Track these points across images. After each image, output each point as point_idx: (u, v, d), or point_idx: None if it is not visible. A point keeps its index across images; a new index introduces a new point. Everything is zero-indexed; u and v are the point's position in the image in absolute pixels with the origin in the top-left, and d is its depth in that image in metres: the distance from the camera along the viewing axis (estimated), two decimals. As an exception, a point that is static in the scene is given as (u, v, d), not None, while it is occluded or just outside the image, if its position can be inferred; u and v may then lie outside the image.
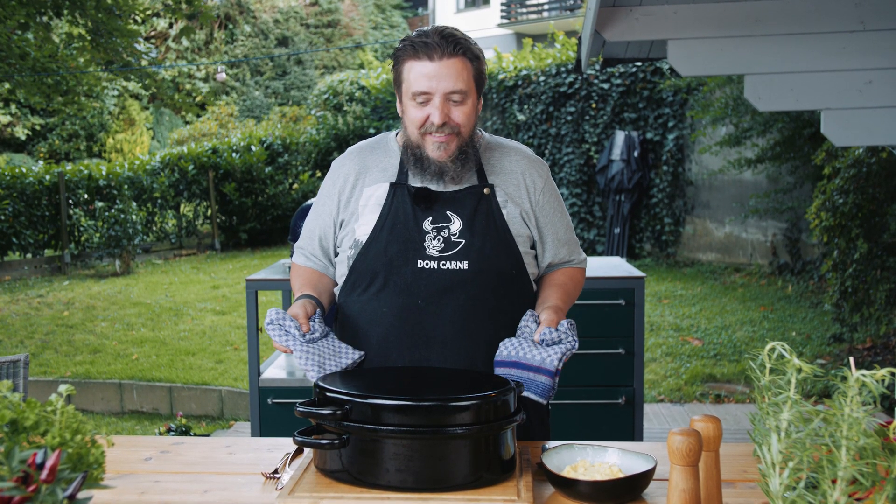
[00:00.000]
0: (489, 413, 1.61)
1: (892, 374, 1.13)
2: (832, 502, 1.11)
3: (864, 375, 1.11)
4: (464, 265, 2.02)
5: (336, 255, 2.19)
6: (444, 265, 2.02)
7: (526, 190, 2.13)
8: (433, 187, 2.06)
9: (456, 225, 2.04)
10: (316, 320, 1.98)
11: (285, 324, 1.92)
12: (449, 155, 2.02)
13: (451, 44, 1.98)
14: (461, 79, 1.98)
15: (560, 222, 2.19)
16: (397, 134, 2.17)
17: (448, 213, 2.04)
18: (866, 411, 1.12)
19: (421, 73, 1.98)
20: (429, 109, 1.99)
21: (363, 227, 2.08)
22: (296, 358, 1.89)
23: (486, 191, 2.07)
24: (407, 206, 2.05)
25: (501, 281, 2.04)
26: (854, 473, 1.11)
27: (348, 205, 2.13)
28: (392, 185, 2.08)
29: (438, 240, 2.03)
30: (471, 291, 2.01)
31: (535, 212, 2.14)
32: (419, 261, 2.02)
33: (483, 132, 2.21)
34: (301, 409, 1.63)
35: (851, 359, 1.22)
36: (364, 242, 2.07)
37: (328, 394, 1.64)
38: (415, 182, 2.07)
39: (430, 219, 2.04)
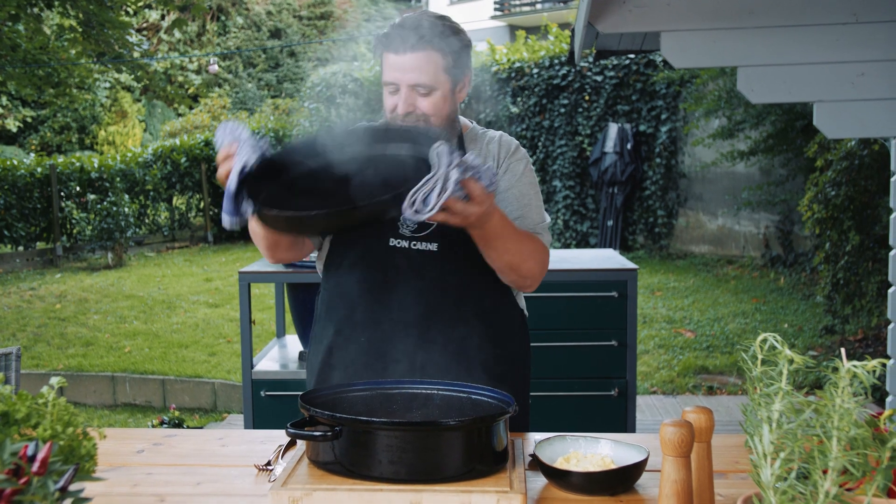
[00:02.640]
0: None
1: (883, 365, 1.13)
2: (823, 492, 1.11)
3: (855, 366, 1.11)
4: (433, 247, 2.04)
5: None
6: (414, 245, 2.04)
7: (503, 171, 2.13)
8: None
9: None
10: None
11: (237, 131, 1.83)
12: None
13: (416, 37, 1.98)
14: (425, 72, 1.99)
15: (525, 199, 2.12)
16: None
17: None
18: (857, 402, 1.12)
19: (389, 64, 2.02)
20: (397, 99, 2.03)
21: None
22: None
23: None
24: None
25: (470, 264, 2.04)
26: (845, 464, 1.11)
27: None
28: None
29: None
30: (437, 273, 2.03)
31: (504, 184, 2.11)
32: (391, 239, 2.05)
33: (472, 123, 2.22)
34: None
35: (843, 350, 1.22)
36: None
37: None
38: None
39: None
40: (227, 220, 1.79)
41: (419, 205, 1.66)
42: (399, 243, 2.05)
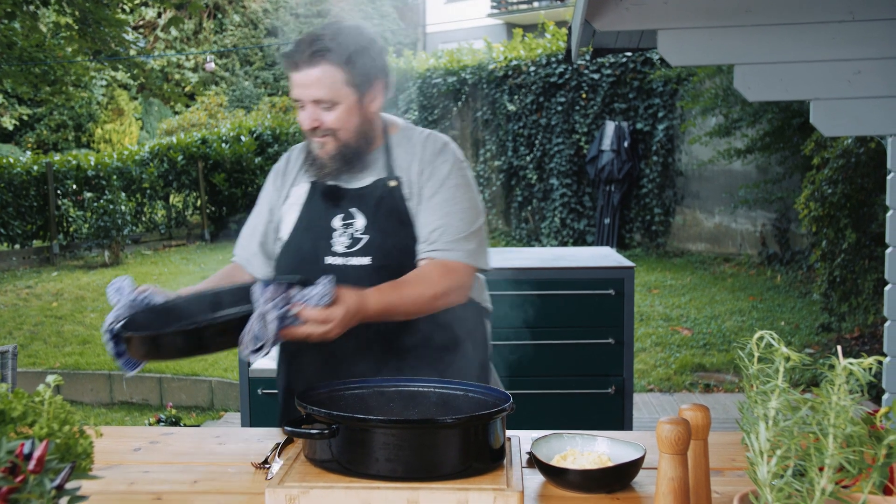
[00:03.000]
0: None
1: (879, 362, 1.13)
2: (819, 490, 1.12)
3: (851, 364, 1.11)
4: (367, 260, 2.03)
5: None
6: (348, 261, 2.04)
7: (420, 178, 2.08)
8: (344, 184, 2.07)
9: (360, 221, 2.05)
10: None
11: (123, 284, 1.90)
12: (328, 154, 2.04)
13: (312, 52, 1.95)
14: (324, 86, 1.96)
15: (439, 209, 2.04)
16: None
17: (352, 209, 2.06)
18: (853, 399, 1.12)
19: (292, 81, 2.00)
20: (302, 113, 2.02)
21: (286, 225, 2.15)
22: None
23: (391, 183, 2.06)
24: (321, 204, 2.09)
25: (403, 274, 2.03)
26: (841, 461, 1.11)
27: (282, 204, 2.18)
28: (312, 184, 2.13)
29: (345, 236, 2.05)
30: (373, 286, 1.99)
31: (419, 198, 2.06)
32: (327, 257, 2.06)
33: (405, 122, 2.19)
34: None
35: (839, 347, 1.22)
36: (286, 239, 2.14)
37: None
38: (334, 179, 2.08)
39: (341, 216, 2.07)
40: (119, 364, 1.88)
41: (248, 343, 1.68)
42: (334, 260, 2.05)
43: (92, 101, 20.85)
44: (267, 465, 1.74)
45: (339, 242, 2.06)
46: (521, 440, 1.82)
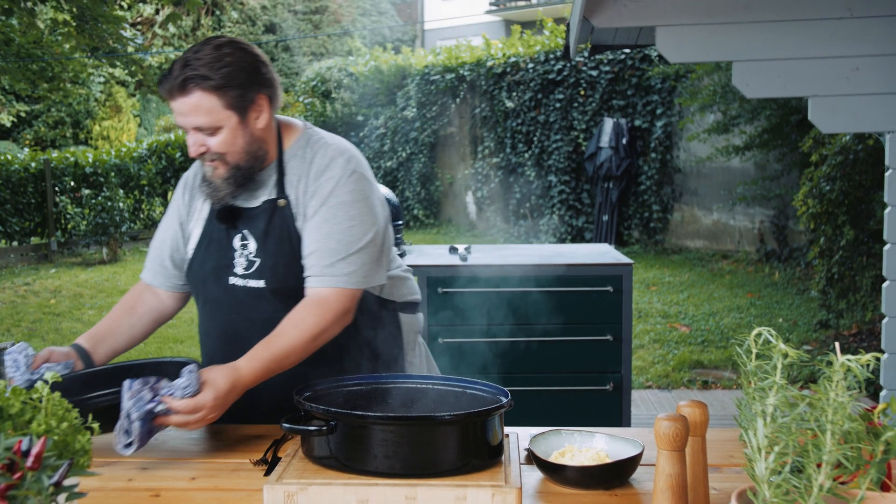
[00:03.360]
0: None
1: (877, 359, 1.13)
2: (817, 486, 1.12)
3: (849, 360, 1.11)
4: (261, 283, 2.01)
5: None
6: (247, 283, 2.02)
7: (305, 196, 2.01)
8: (241, 202, 2.03)
9: (252, 244, 2.02)
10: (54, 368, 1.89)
11: (19, 357, 1.87)
12: (220, 178, 1.98)
13: (181, 80, 1.88)
14: (201, 113, 1.90)
15: (317, 230, 1.98)
16: None
17: (245, 231, 2.03)
18: (851, 396, 1.12)
19: (172, 109, 1.95)
20: (188, 139, 1.98)
21: (192, 241, 2.12)
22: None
23: (280, 203, 2.01)
24: (221, 224, 2.06)
25: (300, 297, 1.98)
26: (839, 457, 1.11)
27: (189, 217, 2.15)
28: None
29: (243, 258, 2.02)
30: (271, 309, 1.98)
31: (305, 216, 2.01)
32: (230, 278, 2.03)
33: (307, 127, 2.11)
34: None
35: (837, 344, 1.23)
36: (191, 256, 2.11)
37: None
38: (231, 199, 2.03)
39: (239, 236, 2.04)
40: None
41: (120, 438, 1.67)
42: (236, 281, 2.03)
43: (90, 97, 20.82)
44: (265, 463, 1.74)
45: (239, 263, 2.03)
46: (520, 437, 1.82)
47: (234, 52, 1.92)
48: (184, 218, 2.14)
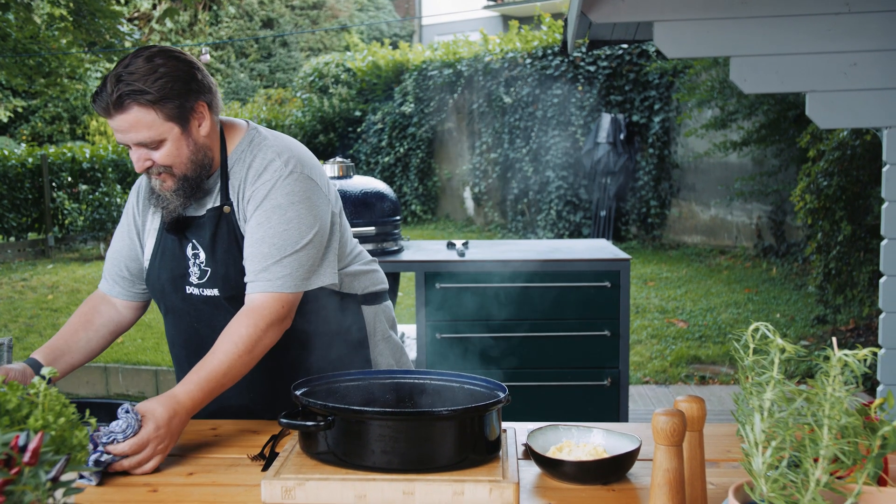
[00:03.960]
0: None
1: (874, 354, 1.14)
2: (814, 481, 1.12)
3: (846, 355, 1.11)
4: (215, 291, 2.00)
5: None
6: (203, 292, 2.01)
7: (247, 199, 1.98)
8: (191, 211, 2.00)
9: (202, 254, 2.01)
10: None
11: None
12: (169, 190, 1.95)
13: (116, 94, 1.82)
14: (142, 128, 1.85)
15: (260, 232, 1.94)
16: None
17: (194, 240, 2.01)
18: (848, 391, 1.12)
19: (111, 126, 1.89)
20: (132, 154, 1.93)
21: (147, 250, 2.10)
22: None
23: (225, 209, 1.99)
24: (172, 234, 2.03)
25: None
26: (836, 452, 1.11)
27: (143, 227, 2.12)
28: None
29: (197, 267, 2.01)
30: (229, 316, 1.95)
31: (245, 215, 1.98)
32: (187, 287, 2.03)
33: (250, 125, 2.08)
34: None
35: (834, 339, 1.23)
36: (147, 266, 2.10)
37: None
38: (182, 210, 2.00)
39: (190, 245, 2.02)
40: None
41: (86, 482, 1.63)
42: (193, 290, 2.02)
43: (87, 93, 20.74)
44: (262, 458, 1.74)
45: (193, 273, 2.02)
46: (517, 432, 1.82)
47: (167, 62, 1.87)
48: (139, 227, 2.12)
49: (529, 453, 1.67)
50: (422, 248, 4.28)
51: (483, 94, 12.30)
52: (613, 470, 1.60)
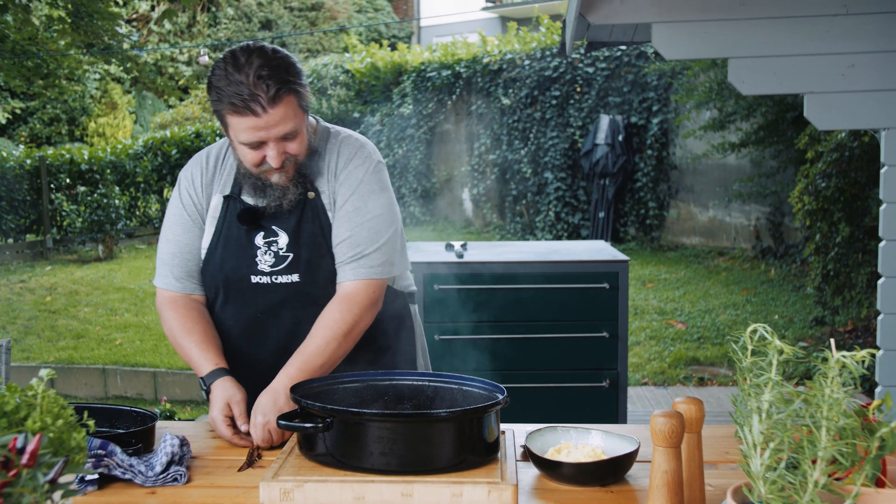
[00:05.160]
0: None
1: (872, 355, 1.14)
2: (812, 482, 1.12)
3: (844, 357, 1.11)
4: (295, 277, 2.01)
5: None
6: (276, 279, 2.01)
7: (335, 186, 2.03)
8: (262, 201, 2.01)
9: (283, 239, 2.01)
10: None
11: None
12: (289, 178, 1.98)
13: (273, 89, 1.85)
14: (290, 119, 1.89)
15: (348, 220, 2.00)
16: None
17: (274, 227, 2.02)
18: (846, 392, 1.12)
19: (248, 127, 1.87)
20: (263, 151, 1.92)
21: (205, 239, 2.08)
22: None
23: (310, 195, 2.02)
24: (237, 220, 2.03)
25: (331, 288, 2.01)
26: (834, 454, 1.12)
27: (203, 217, 2.10)
28: (226, 198, 2.06)
29: (269, 254, 2.01)
30: (305, 302, 1.99)
31: (335, 206, 2.02)
32: (252, 276, 2.02)
33: (320, 121, 2.11)
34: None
35: (832, 341, 1.23)
36: (204, 256, 2.08)
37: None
38: (248, 196, 2.03)
39: (262, 234, 2.02)
40: None
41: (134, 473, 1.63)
42: (261, 279, 2.02)
43: (85, 94, 20.76)
44: (250, 464, 1.73)
45: (264, 261, 2.01)
46: (516, 433, 1.82)
47: (283, 55, 1.91)
48: (199, 221, 2.09)
49: (528, 455, 1.67)
50: (420, 249, 4.28)
51: (481, 96, 12.30)
52: (612, 471, 1.60)
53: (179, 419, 5.18)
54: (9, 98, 20.25)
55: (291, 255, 2.01)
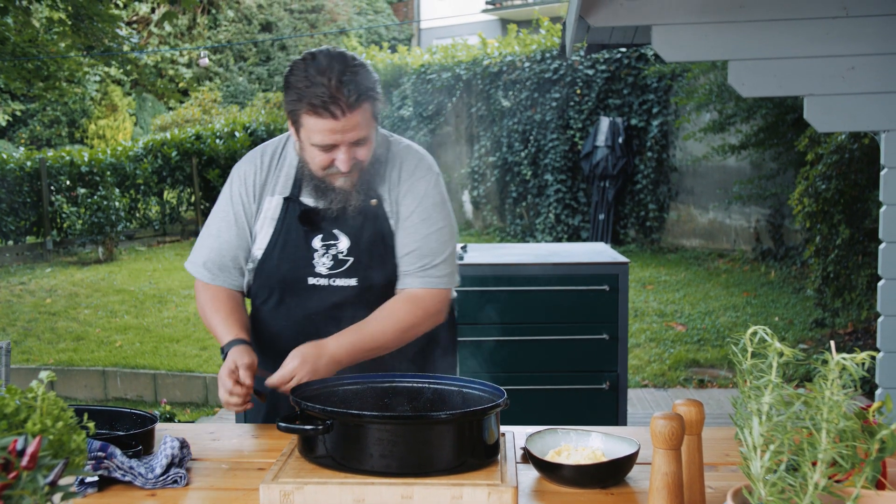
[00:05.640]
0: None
1: (872, 357, 1.14)
2: (812, 484, 1.12)
3: (844, 359, 1.11)
4: (352, 282, 2.02)
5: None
6: (333, 282, 2.02)
7: (399, 197, 2.05)
8: (322, 204, 2.02)
9: (343, 243, 2.02)
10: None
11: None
12: (353, 183, 1.99)
13: (354, 94, 1.87)
14: (364, 125, 1.91)
15: (415, 231, 2.04)
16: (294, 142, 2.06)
17: (335, 231, 2.03)
18: (846, 394, 1.12)
19: (323, 129, 1.89)
20: (333, 155, 1.93)
21: (260, 240, 2.08)
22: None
23: (373, 202, 2.03)
24: (297, 223, 2.04)
25: (392, 294, 2.03)
26: (834, 456, 1.11)
27: (256, 215, 2.10)
28: (286, 200, 2.06)
29: (327, 257, 2.02)
30: (361, 307, 2.01)
31: (399, 217, 2.05)
32: (310, 278, 2.03)
33: (379, 128, 2.11)
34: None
35: (832, 343, 1.23)
36: (259, 258, 2.08)
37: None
38: (308, 198, 2.04)
39: (321, 236, 2.03)
40: None
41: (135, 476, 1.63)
42: (318, 281, 2.03)
43: (85, 96, 20.76)
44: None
45: (322, 263, 2.02)
46: (516, 436, 1.82)
47: (360, 62, 1.92)
48: (250, 219, 2.09)
49: (528, 457, 1.66)
50: (420, 251, 4.27)
51: (481, 98, 12.31)
52: (612, 474, 1.59)
53: (179, 421, 5.17)
54: (9, 100, 20.26)
55: (351, 259, 2.02)
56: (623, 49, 10.79)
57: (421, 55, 13.78)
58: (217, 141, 13.65)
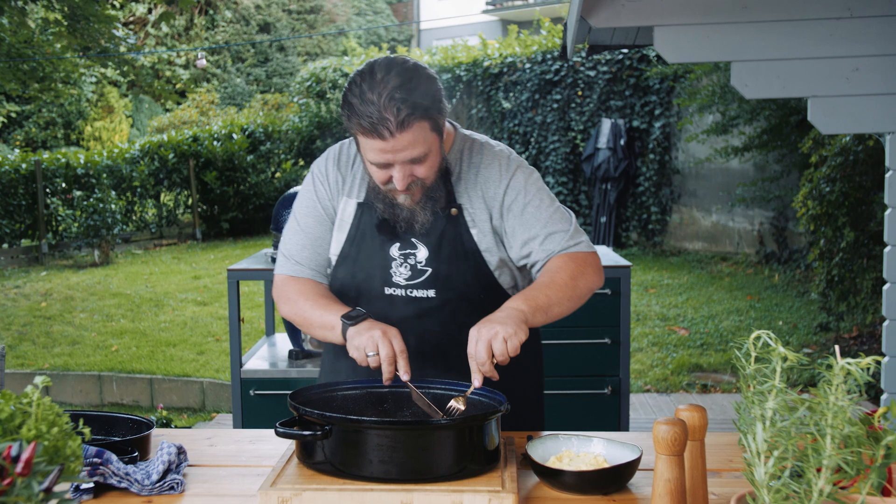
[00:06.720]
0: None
1: (878, 362, 1.12)
2: (817, 491, 1.10)
3: (849, 364, 1.10)
4: (431, 293, 1.97)
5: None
6: (411, 293, 1.98)
7: (494, 200, 2.00)
8: (388, 216, 1.97)
9: (422, 253, 1.97)
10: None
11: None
12: (416, 201, 1.93)
13: (403, 113, 1.77)
14: (419, 144, 1.82)
15: (535, 218, 1.99)
16: None
17: (413, 240, 1.98)
18: (851, 400, 1.11)
19: (375, 149, 1.82)
20: (390, 172, 1.87)
21: (335, 244, 2.05)
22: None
23: (453, 212, 1.98)
24: (375, 230, 1.99)
25: (471, 307, 1.96)
26: (839, 462, 1.10)
27: (334, 214, 2.06)
28: (360, 205, 2.02)
29: (405, 267, 1.98)
30: (439, 319, 1.96)
31: (504, 216, 2.00)
32: (387, 288, 1.99)
33: (459, 130, 2.09)
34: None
35: (837, 347, 1.21)
36: (335, 262, 2.05)
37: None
38: (380, 204, 1.98)
39: (398, 245, 1.98)
40: None
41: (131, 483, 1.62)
42: (395, 291, 1.98)
43: (81, 98, 20.76)
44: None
45: (399, 273, 1.97)
46: (516, 441, 1.80)
47: (421, 72, 1.84)
48: (332, 214, 2.05)
49: (529, 463, 1.65)
50: (420, 254, 4.26)
51: (482, 99, 12.31)
52: (614, 480, 1.58)
53: (176, 427, 5.16)
54: (4, 101, 20.24)
55: (430, 269, 1.97)
56: (625, 50, 10.79)
57: (421, 56, 13.79)
58: (214, 143, 13.65)
